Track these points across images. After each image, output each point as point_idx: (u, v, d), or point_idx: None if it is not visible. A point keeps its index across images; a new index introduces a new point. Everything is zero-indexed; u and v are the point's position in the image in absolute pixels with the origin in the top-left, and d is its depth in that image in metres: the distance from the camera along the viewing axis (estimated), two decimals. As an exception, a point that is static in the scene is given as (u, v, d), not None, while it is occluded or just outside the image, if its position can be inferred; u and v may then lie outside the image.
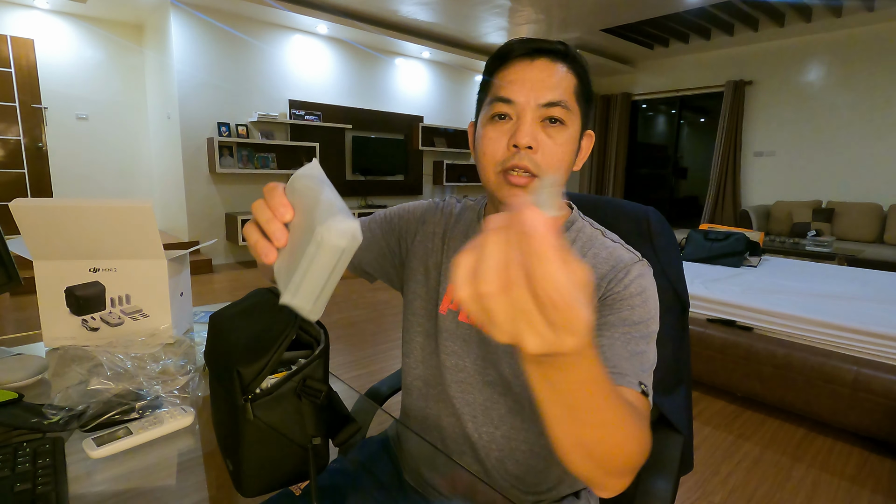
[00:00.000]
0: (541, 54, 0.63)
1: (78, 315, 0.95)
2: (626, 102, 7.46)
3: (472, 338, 0.73)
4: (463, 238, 0.76)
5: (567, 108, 0.63)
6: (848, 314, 2.11)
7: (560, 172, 0.63)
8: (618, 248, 0.67)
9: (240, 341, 0.54)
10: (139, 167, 5.47)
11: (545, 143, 0.62)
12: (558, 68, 0.63)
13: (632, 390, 0.54)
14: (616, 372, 0.55)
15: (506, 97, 0.63)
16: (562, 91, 0.63)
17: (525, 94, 0.62)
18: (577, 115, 0.65)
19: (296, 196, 0.45)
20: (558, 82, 0.63)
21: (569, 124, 0.63)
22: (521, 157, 0.61)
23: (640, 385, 0.55)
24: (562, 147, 0.63)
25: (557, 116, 0.63)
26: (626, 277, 0.62)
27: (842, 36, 5.42)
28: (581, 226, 0.71)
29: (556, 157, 0.63)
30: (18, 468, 0.56)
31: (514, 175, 0.62)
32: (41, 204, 0.87)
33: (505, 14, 5.12)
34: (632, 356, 0.57)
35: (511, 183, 0.63)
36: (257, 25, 5.02)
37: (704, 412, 2.23)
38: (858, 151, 5.41)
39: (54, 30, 4.70)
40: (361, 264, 0.83)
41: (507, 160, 0.63)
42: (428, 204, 0.84)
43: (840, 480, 1.76)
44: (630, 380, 0.55)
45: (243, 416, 0.51)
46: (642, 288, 0.62)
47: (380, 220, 0.84)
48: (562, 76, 0.63)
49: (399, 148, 6.30)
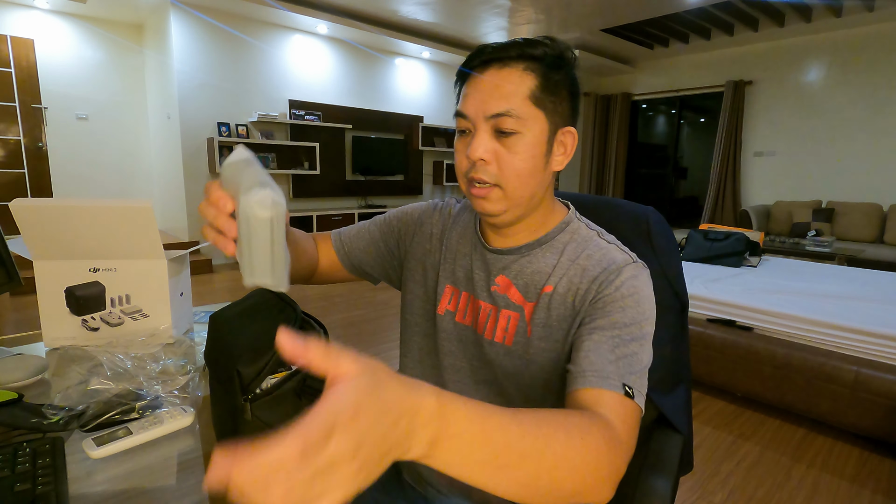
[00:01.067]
0: (492, 63, 0.62)
1: (78, 315, 0.95)
2: (626, 102, 7.46)
3: (468, 338, 0.73)
4: (460, 238, 0.76)
5: (517, 116, 0.61)
6: (848, 314, 2.11)
7: (521, 180, 0.63)
8: (612, 249, 0.66)
9: (240, 341, 0.55)
10: (139, 167, 5.47)
11: (500, 153, 0.62)
12: (510, 73, 0.61)
13: (613, 393, 0.53)
14: (598, 375, 0.54)
15: (460, 111, 0.64)
16: (511, 98, 0.61)
17: (474, 108, 0.62)
18: (538, 118, 0.62)
19: (229, 185, 0.48)
20: (509, 91, 0.61)
21: (525, 131, 0.62)
22: (476, 169, 0.63)
23: (625, 388, 0.54)
24: (519, 156, 0.62)
25: (505, 129, 0.61)
26: (617, 279, 0.62)
27: (842, 36, 5.42)
28: (577, 227, 0.71)
29: (512, 168, 0.62)
30: (18, 468, 0.56)
31: (476, 187, 0.64)
32: (41, 204, 0.87)
33: (505, 14, 5.12)
34: (618, 359, 0.56)
35: (473, 195, 0.65)
36: (257, 25, 5.02)
37: (704, 412, 2.23)
38: (858, 151, 5.40)
39: (54, 30, 4.70)
40: (363, 266, 0.83)
41: (467, 172, 0.65)
42: (426, 205, 0.84)
43: (840, 480, 1.76)
44: (612, 382, 0.54)
45: (243, 416, 0.51)
46: (634, 289, 0.61)
47: (380, 222, 0.85)
48: (514, 81, 0.61)
49: (399, 148, 6.30)
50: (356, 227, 0.85)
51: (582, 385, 0.54)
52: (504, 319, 0.69)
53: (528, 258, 0.69)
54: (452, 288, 0.75)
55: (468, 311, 0.73)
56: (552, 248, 0.69)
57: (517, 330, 0.68)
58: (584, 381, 0.54)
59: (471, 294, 0.73)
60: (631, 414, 0.53)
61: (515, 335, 0.68)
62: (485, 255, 0.72)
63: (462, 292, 0.74)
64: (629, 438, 0.51)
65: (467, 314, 0.73)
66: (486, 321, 0.71)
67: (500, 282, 0.70)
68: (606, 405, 0.52)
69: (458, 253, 0.76)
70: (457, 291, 0.75)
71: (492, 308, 0.70)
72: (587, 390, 0.53)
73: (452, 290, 0.75)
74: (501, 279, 0.70)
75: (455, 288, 0.75)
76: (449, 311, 0.75)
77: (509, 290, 0.69)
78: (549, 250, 0.69)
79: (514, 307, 0.69)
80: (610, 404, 0.52)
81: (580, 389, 0.54)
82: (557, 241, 0.69)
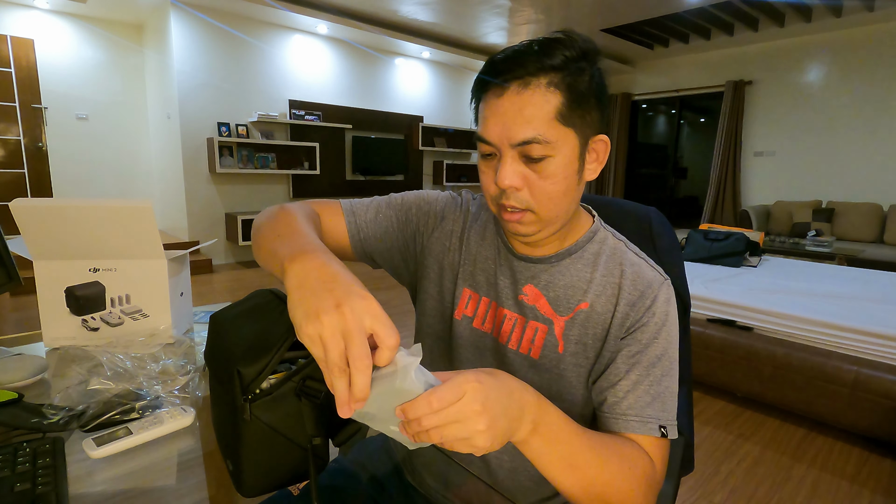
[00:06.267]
0: (510, 81, 0.56)
1: (78, 315, 0.95)
2: (626, 102, 7.46)
3: (487, 345, 0.71)
4: (480, 239, 0.74)
5: (544, 140, 0.56)
6: (848, 314, 2.11)
7: (553, 202, 0.60)
8: (643, 265, 0.66)
9: (240, 342, 0.54)
10: (139, 167, 5.47)
11: (530, 177, 0.59)
12: (532, 94, 0.56)
13: (650, 437, 0.59)
14: (639, 419, 0.60)
15: (483, 137, 0.60)
16: (537, 122, 0.56)
17: (498, 135, 0.58)
18: (567, 136, 0.58)
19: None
20: (532, 113, 0.56)
21: (555, 153, 0.58)
22: (507, 196, 0.60)
23: (661, 429, 0.60)
24: (549, 179, 0.59)
25: (534, 156, 0.57)
26: (653, 305, 0.63)
27: (842, 36, 5.41)
28: (604, 236, 0.69)
29: (544, 192, 0.59)
30: (18, 468, 0.56)
31: (507, 212, 0.62)
32: (41, 204, 0.87)
33: (505, 14, 5.12)
34: (654, 400, 0.60)
35: (505, 219, 0.63)
36: (257, 25, 5.02)
37: (704, 412, 2.23)
38: (858, 151, 5.40)
39: (54, 30, 4.70)
40: (372, 254, 0.76)
41: (497, 197, 0.62)
42: (447, 198, 0.78)
43: (840, 480, 1.76)
44: (651, 427, 0.59)
45: (243, 416, 0.51)
46: (667, 315, 0.63)
47: (397, 207, 0.77)
48: (537, 102, 0.56)
49: (399, 148, 6.30)
50: (372, 207, 0.76)
51: (625, 429, 0.60)
52: (531, 331, 0.67)
53: (558, 269, 0.67)
54: (471, 292, 0.73)
55: (488, 317, 0.71)
56: (583, 260, 0.67)
57: (545, 343, 0.66)
58: (627, 426, 0.60)
59: (493, 301, 0.71)
60: (665, 451, 0.61)
61: (543, 348, 0.66)
62: (511, 261, 0.70)
63: (482, 298, 0.72)
64: (662, 475, 0.60)
65: (486, 320, 0.71)
66: (512, 331, 0.69)
67: (529, 292, 0.68)
68: (647, 446, 0.59)
69: (478, 256, 0.73)
70: (475, 296, 0.72)
71: (518, 317, 0.68)
72: (630, 435, 0.60)
73: (471, 293, 0.73)
74: (530, 289, 0.68)
75: (474, 292, 0.72)
76: (466, 315, 0.72)
77: (538, 302, 0.67)
78: (579, 261, 0.67)
79: (544, 319, 0.67)
80: (649, 447, 0.59)
81: (623, 434, 0.60)
82: (587, 251, 0.68)
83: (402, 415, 0.41)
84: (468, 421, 0.42)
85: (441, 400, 0.41)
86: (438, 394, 0.41)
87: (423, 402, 0.40)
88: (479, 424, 0.42)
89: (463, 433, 0.42)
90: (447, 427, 0.41)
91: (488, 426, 0.42)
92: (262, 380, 0.51)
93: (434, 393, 0.41)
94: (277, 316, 0.56)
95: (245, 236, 4.83)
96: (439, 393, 0.41)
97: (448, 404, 0.41)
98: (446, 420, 0.41)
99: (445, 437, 0.42)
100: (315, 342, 0.39)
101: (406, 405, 0.41)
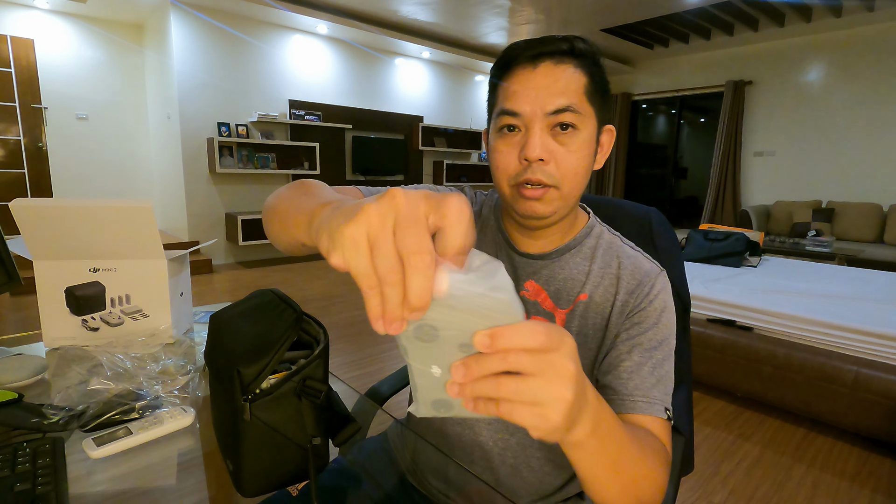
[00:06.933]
0: (543, 57, 0.59)
1: (78, 315, 0.95)
2: (626, 102, 7.46)
3: None
4: (482, 236, 0.74)
5: (577, 111, 0.59)
6: (848, 314, 2.11)
7: (577, 178, 0.61)
8: (639, 257, 0.68)
9: (240, 341, 0.54)
10: (139, 167, 5.47)
11: (557, 151, 0.60)
12: (564, 70, 0.59)
13: (657, 418, 0.58)
14: (646, 400, 0.59)
15: (511, 109, 0.60)
16: (570, 94, 0.59)
17: (530, 104, 0.59)
18: (591, 114, 0.61)
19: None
20: (565, 85, 0.59)
21: (582, 127, 0.60)
22: (533, 170, 0.59)
23: (666, 411, 0.59)
24: (576, 153, 0.60)
25: (568, 122, 0.59)
26: (651, 292, 0.64)
27: (842, 36, 5.42)
28: (600, 231, 0.71)
29: (570, 166, 0.60)
30: (18, 468, 0.56)
31: (529, 189, 0.60)
32: (41, 204, 0.87)
33: (505, 14, 5.12)
34: (658, 382, 0.60)
35: (525, 196, 0.61)
36: (257, 25, 5.02)
37: (704, 412, 2.23)
38: (858, 151, 5.40)
39: (54, 30, 4.70)
40: None
41: (519, 174, 0.61)
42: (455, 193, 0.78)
43: (840, 480, 1.76)
44: (657, 408, 0.59)
45: (243, 416, 0.51)
46: (664, 303, 0.64)
47: None
48: (569, 77, 0.59)
49: (399, 148, 6.30)
50: None
51: (632, 410, 0.59)
52: None
53: (558, 264, 0.68)
54: None
55: None
56: (581, 254, 0.68)
57: None
58: (634, 407, 0.59)
59: None
60: (669, 434, 0.60)
61: None
62: (513, 258, 0.71)
63: None
64: (671, 457, 0.59)
65: None
66: None
67: (530, 287, 0.69)
68: (654, 429, 0.58)
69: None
70: None
71: None
72: (638, 416, 0.59)
73: None
74: (531, 284, 0.69)
75: None
76: None
77: (540, 296, 0.68)
78: (578, 255, 0.68)
79: (545, 314, 0.68)
80: (656, 429, 0.58)
81: (631, 414, 0.59)
82: (585, 245, 0.69)
83: (487, 342, 0.29)
84: (558, 381, 0.31)
85: (550, 338, 0.30)
86: (547, 328, 0.30)
87: (527, 331, 0.29)
88: (567, 391, 0.31)
89: (545, 395, 0.31)
90: (532, 379, 0.30)
91: (575, 397, 0.32)
92: (262, 380, 0.51)
93: (541, 325, 0.30)
94: (277, 316, 0.56)
95: (245, 236, 4.83)
96: (548, 328, 0.30)
97: (552, 348, 0.30)
98: (538, 369, 0.30)
99: (521, 393, 0.30)
100: (357, 246, 0.27)
101: (498, 330, 0.29)
